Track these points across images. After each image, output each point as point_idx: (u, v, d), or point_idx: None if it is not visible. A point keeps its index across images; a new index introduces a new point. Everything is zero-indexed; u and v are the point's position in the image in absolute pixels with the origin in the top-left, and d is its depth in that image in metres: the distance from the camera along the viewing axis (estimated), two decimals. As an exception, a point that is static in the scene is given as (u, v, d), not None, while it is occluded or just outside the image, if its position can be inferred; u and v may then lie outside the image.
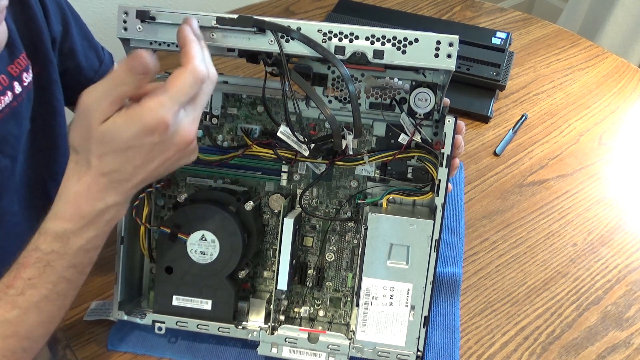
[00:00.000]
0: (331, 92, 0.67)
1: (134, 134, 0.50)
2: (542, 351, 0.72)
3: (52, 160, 0.75)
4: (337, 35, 0.57)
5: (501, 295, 0.78)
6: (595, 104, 1.07)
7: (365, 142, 0.69)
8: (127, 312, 0.67)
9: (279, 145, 0.67)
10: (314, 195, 0.71)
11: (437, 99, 0.64)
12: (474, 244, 0.84)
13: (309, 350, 0.66)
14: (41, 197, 0.74)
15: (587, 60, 1.16)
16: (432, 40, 0.57)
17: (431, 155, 0.66)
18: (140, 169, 0.53)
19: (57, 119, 0.74)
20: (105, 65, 0.82)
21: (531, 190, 0.92)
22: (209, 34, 0.58)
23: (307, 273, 0.71)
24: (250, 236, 0.67)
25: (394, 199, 0.68)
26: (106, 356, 0.69)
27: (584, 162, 0.96)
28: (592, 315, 0.76)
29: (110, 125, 0.50)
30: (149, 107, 0.49)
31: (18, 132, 0.68)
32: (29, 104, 0.69)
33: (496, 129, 1.01)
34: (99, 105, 0.50)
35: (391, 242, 0.63)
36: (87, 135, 0.51)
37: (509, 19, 1.26)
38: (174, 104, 0.50)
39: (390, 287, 0.64)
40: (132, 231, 0.68)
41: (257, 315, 0.69)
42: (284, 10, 1.24)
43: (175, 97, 0.50)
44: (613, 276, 0.81)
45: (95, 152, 0.51)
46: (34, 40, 0.69)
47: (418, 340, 0.64)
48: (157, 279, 0.67)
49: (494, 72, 1.03)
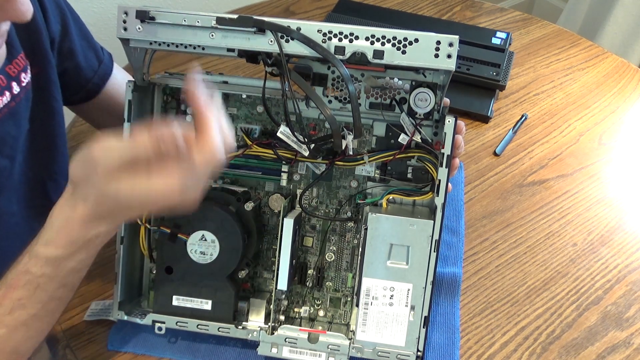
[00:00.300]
0: (331, 92, 0.67)
1: (138, 203, 0.51)
2: (542, 351, 0.72)
3: (51, 161, 0.75)
4: (337, 35, 0.57)
5: (501, 295, 0.78)
6: (595, 104, 1.07)
7: (365, 142, 0.69)
8: (127, 312, 0.67)
9: (279, 145, 0.67)
10: (314, 195, 0.71)
11: (437, 99, 0.64)
12: (474, 244, 0.84)
13: (309, 350, 0.66)
14: (40, 197, 0.74)
15: (587, 60, 1.16)
16: (432, 40, 0.57)
17: (431, 155, 0.66)
18: (139, 210, 0.55)
19: (56, 119, 0.74)
20: (105, 65, 0.82)
21: (531, 190, 0.92)
22: (209, 34, 0.58)
23: (307, 273, 0.71)
24: (250, 236, 0.67)
25: (394, 199, 0.68)
26: (106, 356, 0.69)
27: (584, 162, 0.96)
28: (592, 315, 0.76)
29: (114, 191, 0.50)
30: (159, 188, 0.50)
31: (16, 133, 0.68)
32: (27, 104, 0.69)
33: (496, 129, 1.01)
34: (108, 165, 0.50)
35: (391, 242, 0.63)
36: (90, 179, 0.51)
37: (509, 19, 1.26)
38: (185, 183, 0.50)
39: (390, 287, 0.64)
40: (132, 231, 0.68)
41: (257, 315, 0.69)
42: (284, 10, 1.24)
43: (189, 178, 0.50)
44: (613, 276, 0.81)
45: (94, 194, 0.52)
46: (33, 41, 0.69)
47: (418, 340, 0.64)
48: (157, 279, 0.67)
49: (494, 72, 1.03)
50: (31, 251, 0.55)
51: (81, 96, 0.81)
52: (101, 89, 0.82)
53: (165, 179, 0.50)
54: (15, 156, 0.68)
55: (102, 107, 0.83)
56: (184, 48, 0.60)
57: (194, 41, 0.59)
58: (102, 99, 0.82)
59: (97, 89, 0.82)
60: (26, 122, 0.70)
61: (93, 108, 0.83)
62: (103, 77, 0.82)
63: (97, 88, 0.82)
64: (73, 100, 0.82)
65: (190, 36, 0.58)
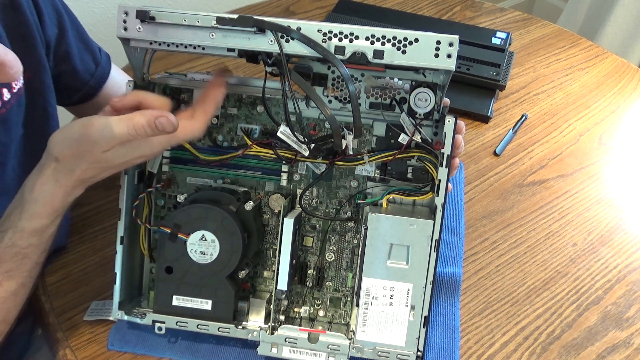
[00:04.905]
0: (331, 92, 0.67)
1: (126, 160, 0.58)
2: (542, 351, 0.72)
3: None
4: (337, 35, 0.57)
5: (501, 295, 0.78)
6: (595, 104, 1.07)
7: (365, 142, 0.69)
8: (127, 312, 0.67)
9: (279, 145, 0.67)
10: (314, 195, 0.71)
11: (437, 99, 0.64)
12: (474, 244, 0.84)
13: (309, 350, 0.66)
14: None
15: (587, 60, 1.16)
16: (432, 40, 0.57)
17: (431, 155, 0.66)
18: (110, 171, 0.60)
19: (50, 123, 0.74)
20: (102, 67, 0.82)
21: (531, 190, 0.92)
22: (209, 34, 0.58)
23: (307, 273, 0.71)
24: (250, 236, 0.67)
25: (394, 199, 0.68)
26: (106, 356, 0.69)
27: (584, 162, 0.96)
28: (592, 315, 0.76)
29: (111, 155, 0.57)
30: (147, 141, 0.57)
31: (7, 139, 0.68)
32: (19, 109, 0.69)
33: (496, 129, 1.01)
34: (106, 143, 0.56)
35: (391, 242, 0.63)
36: (83, 156, 0.57)
37: (509, 19, 1.26)
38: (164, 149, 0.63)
39: (390, 287, 0.64)
40: (132, 231, 0.68)
41: (257, 315, 0.69)
42: (284, 10, 1.24)
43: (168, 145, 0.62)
44: (613, 276, 0.81)
45: (83, 166, 0.58)
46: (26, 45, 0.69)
47: (418, 340, 0.64)
48: (157, 278, 0.67)
49: (494, 72, 1.03)
50: (15, 226, 0.59)
51: (78, 98, 0.81)
52: (98, 91, 0.82)
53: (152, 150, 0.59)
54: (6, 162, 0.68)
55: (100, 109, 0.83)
56: (184, 48, 0.60)
57: (194, 41, 0.59)
58: (99, 100, 0.82)
59: (94, 92, 0.81)
60: (19, 127, 0.69)
61: (91, 109, 0.83)
62: (100, 79, 0.81)
63: (94, 91, 0.81)
64: (70, 102, 0.82)
65: (191, 36, 0.58)
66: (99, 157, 0.57)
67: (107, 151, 0.56)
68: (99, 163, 0.58)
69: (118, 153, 0.57)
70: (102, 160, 0.57)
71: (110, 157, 0.57)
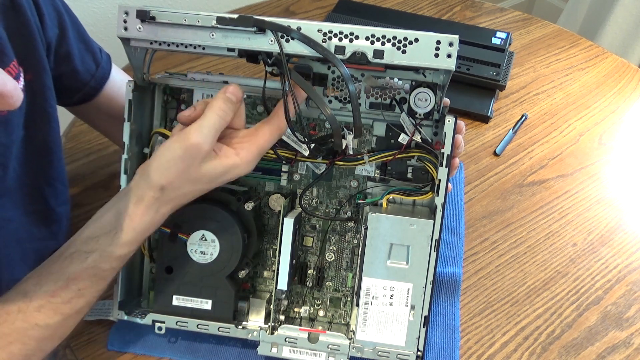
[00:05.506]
0: (331, 92, 0.67)
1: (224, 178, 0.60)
2: (542, 351, 0.72)
3: (47, 166, 0.75)
4: (337, 35, 0.57)
5: (501, 295, 0.78)
6: (595, 104, 1.07)
7: (365, 142, 0.69)
8: (127, 312, 0.67)
9: (279, 145, 0.66)
10: (314, 195, 0.71)
11: (437, 99, 0.64)
12: (474, 244, 0.84)
13: (309, 350, 0.66)
14: (38, 202, 0.73)
15: (587, 60, 1.16)
16: (432, 40, 0.57)
17: (431, 155, 0.66)
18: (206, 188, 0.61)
19: (51, 124, 0.74)
20: (102, 68, 0.82)
21: (531, 190, 0.92)
22: (210, 34, 0.58)
23: (307, 273, 0.71)
24: (250, 236, 0.67)
25: (394, 198, 0.68)
26: (106, 356, 0.69)
27: (584, 162, 0.96)
28: (592, 315, 0.76)
29: (212, 169, 0.58)
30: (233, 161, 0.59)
31: (7, 141, 0.68)
32: (20, 112, 0.69)
33: (496, 129, 1.01)
34: (207, 141, 0.57)
35: (391, 242, 0.63)
36: (188, 172, 0.58)
37: (509, 19, 1.26)
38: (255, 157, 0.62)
39: (390, 287, 0.64)
40: (132, 231, 0.68)
41: (257, 315, 0.69)
42: (284, 10, 1.24)
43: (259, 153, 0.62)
44: (613, 276, 0.81)
45: (187, 188, 0.59)
46: (27, 47, 0.68)
47: (418, 340, 0.64)
48: (157, 278, 0.67)
49: (494, 72, 1.03)
50: (103, 251, 0.59)
51: (78, 99, 0.81)
52: (99, 92, 0.82)
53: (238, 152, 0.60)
54: (7, 164, 0.68)
55: (101, 109, 0.83)
56: (184, 48, 0.60)
57: (194, 41, 0.59)
58: (100, 101, 0.82)
59: (94, 92, 0.81)
60: (20, 129, 0.69)
61: (91, 109, 0.83)
62: (101, 80, 0.81)
63: (95, 91, 0.81)
64: (70, 102, 0.82)
65: (191, 36, 0.58)
66: (200, 173, 0.58)
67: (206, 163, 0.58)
68: (197, 182, 0.59)
69: (218, 170, 0.59)
70: (202, 178, 0.59)
71: (210, 172, 0.58)
